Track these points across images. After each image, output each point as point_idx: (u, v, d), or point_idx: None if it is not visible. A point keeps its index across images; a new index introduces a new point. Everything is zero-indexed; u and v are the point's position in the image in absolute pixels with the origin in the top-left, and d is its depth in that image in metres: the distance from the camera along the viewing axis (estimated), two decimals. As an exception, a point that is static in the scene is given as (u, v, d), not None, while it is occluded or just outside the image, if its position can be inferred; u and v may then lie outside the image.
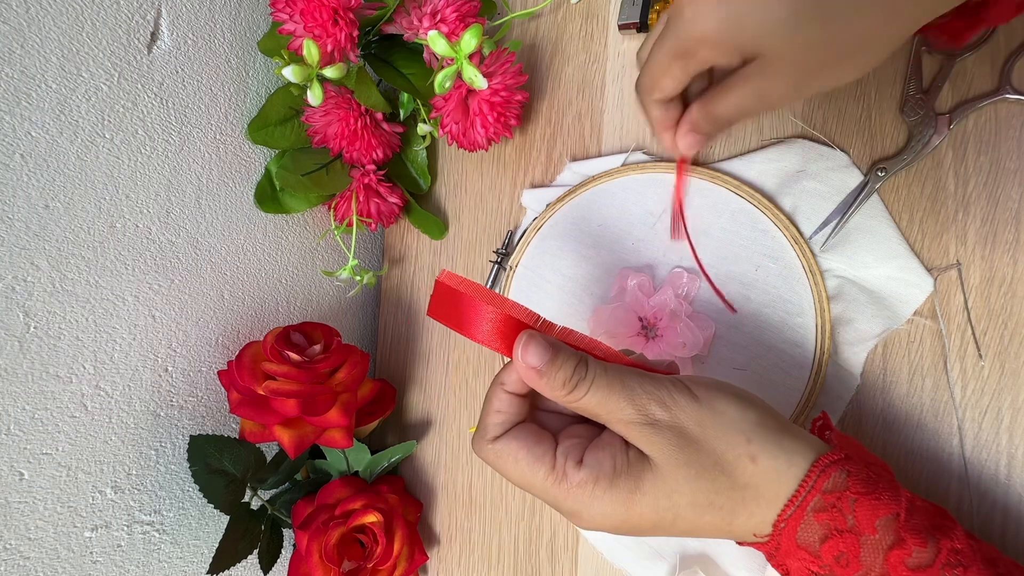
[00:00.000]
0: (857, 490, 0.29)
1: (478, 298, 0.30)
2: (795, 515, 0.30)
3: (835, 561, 0.29)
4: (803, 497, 0.29)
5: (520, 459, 0.31)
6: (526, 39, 0.55)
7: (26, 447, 0.39)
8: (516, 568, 0.52)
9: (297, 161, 0.52)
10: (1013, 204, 0.38)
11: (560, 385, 0.30)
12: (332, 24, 0.44)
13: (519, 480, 0.31)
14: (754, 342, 0.43)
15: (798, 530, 0.30)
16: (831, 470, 0.30)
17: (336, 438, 0.48)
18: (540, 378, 0.30)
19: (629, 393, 0.30)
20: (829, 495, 0.29)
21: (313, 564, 0.47)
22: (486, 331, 0.30)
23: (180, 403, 0.48)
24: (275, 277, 0.55)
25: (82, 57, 0.40)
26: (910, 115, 0.41)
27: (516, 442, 0.31)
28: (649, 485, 0.30)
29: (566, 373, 0.30)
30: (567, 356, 0.30)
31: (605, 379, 0.30)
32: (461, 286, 0.31)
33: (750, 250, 0.44)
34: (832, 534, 0.29)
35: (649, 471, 0.30)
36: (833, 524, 0.29)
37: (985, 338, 0.39)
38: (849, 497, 0.29)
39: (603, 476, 0.30)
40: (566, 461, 0.31)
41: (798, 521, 0.30)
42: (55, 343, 0.40)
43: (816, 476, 0.29)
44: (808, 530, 0.29)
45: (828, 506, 0.29)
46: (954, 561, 0.28)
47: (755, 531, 0.31)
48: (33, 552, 0.40)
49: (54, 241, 0.40)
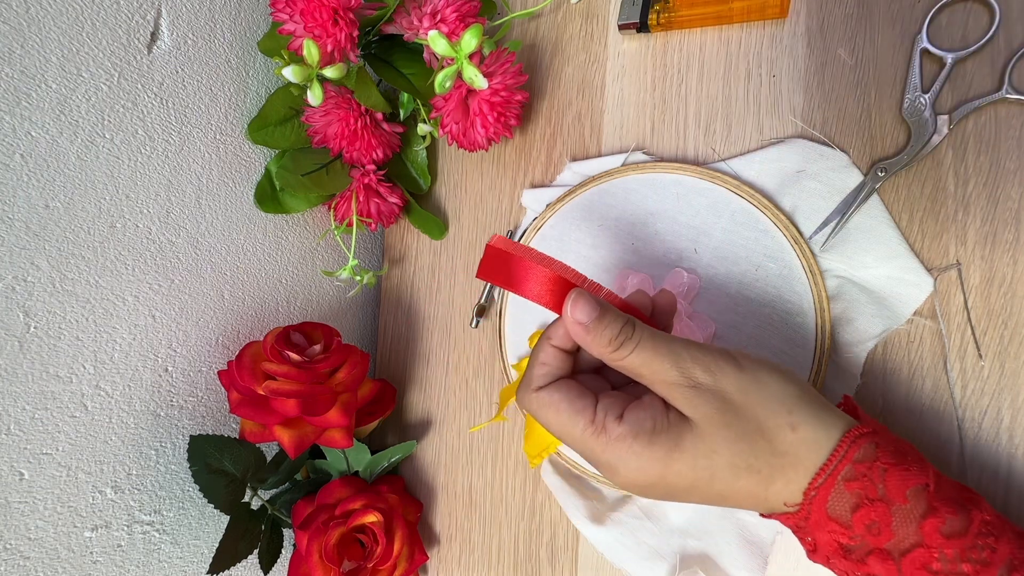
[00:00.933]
0: (886, 461, 0.30)
1: (529, 259, 0.32)
2: (826, 483, 0.30)
3: (866, 530, 0.29)
4: (834, 465, 0.30)
5: (562, 410, 0.32)
6: (526, 39, 0.55)
7: (26, 447, 0.39)
8: (516, 568, 0.52)
9: (297, 161, 0.52)
10: (1013, 204, 0.38)
11: (606, 342, 0.31)
12: (332, 24, 0.44)
13: (559, 429, 0.32)
14: (754, 342, 0.43)
15: (829, 499, 0.30)
16: (861, 441, 0.30)
17: (336, 438, 0.48)
18: (587, 334, 0.31)
19: (674, 356, 0.31)
20: (860, 464, 0.30)
21: (313, 564, 0.47)
22: (536, 289, 0.32)
23: (180, 403, 0.48)
24: (275, 277, 0.55)
25: (82, 57, 0.40)
26: (910, 115, 0.41)
27: (559, 393, 0.32)
28: (689, 444, 0.30)
29: (612, 331, 0.31)
30: (615, 315, 0.31)
31: (651, 341, 0.31)
32: (512, 248, 0.32)
33: (750, 250, 0.44)
34: (863, 503, 0.29)
35: (689, 432, 0.30)
36: (864, 493, 0.29)
37: (985, 338, 0.39)
38: (879, 467, 0.30)
39: (643, 432, 0.30)
40: (606, 415, 0.31)
41: (829, 490, 0.30)
42: (55, 343, 0.40)
43: (847, 446, 0.30)
44: (839, 499, 0.30)
45: (859, 475, 0.29)
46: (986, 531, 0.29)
47: (787, 499, 0.31)
48: (33, 552, 0.40)
49: (54, 241, 0.40)
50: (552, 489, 0.49)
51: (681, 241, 0.46)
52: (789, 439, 0.30)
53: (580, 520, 0.47)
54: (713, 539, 0.44)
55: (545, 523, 0.51)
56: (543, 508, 0.51)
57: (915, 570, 0.29)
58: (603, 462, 0.31)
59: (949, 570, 0.28)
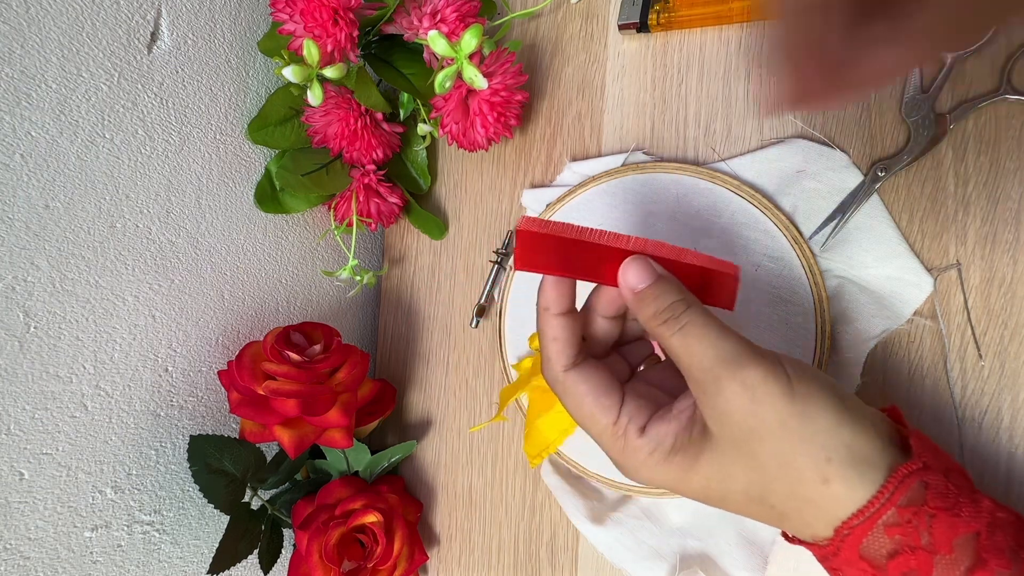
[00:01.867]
0: (936, 505, 0.27)
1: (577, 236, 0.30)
2: (864, 525, 0.27)
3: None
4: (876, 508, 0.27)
5: (585, 404, 0.30)
6: (526, 39, 0.55)
7: (26, 447, 0.39)
8: (516, 568, 0.52)
9: (297, 161, 0.52)
10: (1013, 204, 0.38)
11: (652, 313, 0.29)
12: (332, 24, 0.44)
13: (578, 420, 0.31)
14: (754, 342, 0.43)
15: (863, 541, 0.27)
16: (909, 481, 0.27)
17: (336, 438, 0.48)
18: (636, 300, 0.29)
19: (717, 356, 0.28)
20: (904, 509, 0.27)
21: (313, 564, 0.47)
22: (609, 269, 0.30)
23: (180, 403, 0.48)
24: (275, 277, 0.55)
25: (82, 57, 0.40)
26: (910, 115, 0.40)
27: (585, 385, 0.31)
28: (705, 465, 0.29)
29: (661, 303, 0.29)
30: (669, 287, 0.29)
31: (700, 329, 0.28)
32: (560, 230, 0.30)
33: (750, 250, 0.44)
34: (903, 550, 0.27)
35: (709, 449, 0.28)
36: (905, 540, 0.27)
37: (985, 338, 0.39)
38: (927, 512, 0.26)
39: (661, 449, 0.29)
40: (629, 423, 0.30)
41: (865, 532, 0.27)
42: (55, 343, 0.40)
43: (893, 489, 0.27)
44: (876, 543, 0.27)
45: (903, 521, 0.27)
46: None
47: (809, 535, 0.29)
48: (33, 552, 0.40)
49: (54, 241, 0.40)
50: (552, 489, 0.49)
51: (681, 241, 0.46)
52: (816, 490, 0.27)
53: (580, 520, 0.47)
54: (713, 539, 0.44)
55: (545, 523, 0.51)
56: (543, 508, 0.51)
57: None
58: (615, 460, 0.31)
59: None
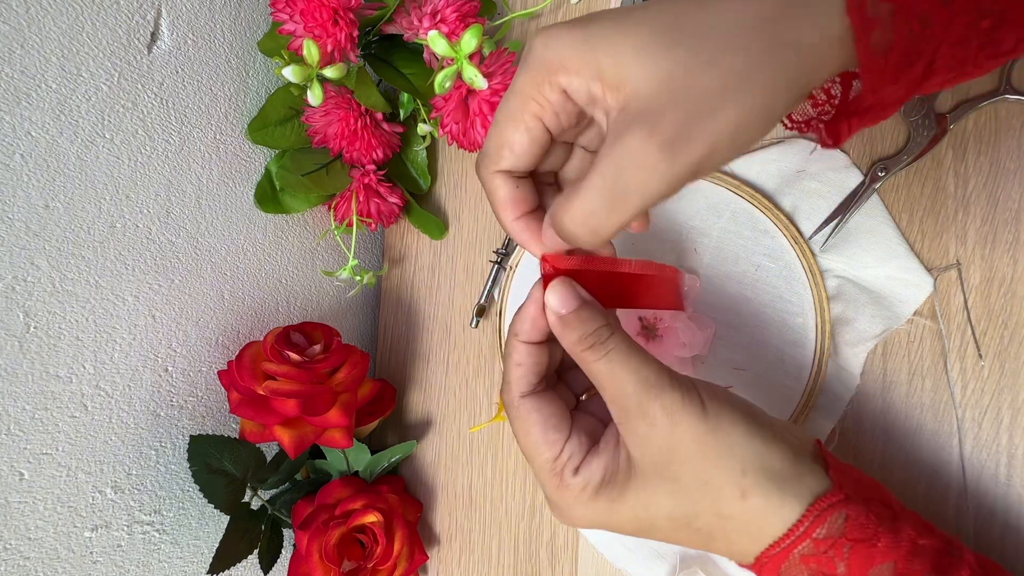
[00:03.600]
0: (853, 536, 0.28)
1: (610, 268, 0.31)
2: (780, 554, 0.28)
3: None
4: (791, 540, 0.28)
5: (532, 433, 0.31)
6: (526, 39, 0.55)
7: (26, 447, 0.39)
8: (516, 568, 0.52)
9: (297, 161, 0.52)
10: (1013, 204, 0.38)
11: (576, 339, 0.29)
12: (332, 24, 0.44)
13: (523, 447, 0.31)
14: (754, 342, 0.43)
15: (781, 568, 0.28)
16: (828, 513, 0.28)
17: (336, 438, 0.48)
18: (560, 325, 0.29)
19: (638, 383, 0.28)
20: (821, 541, 0.28)
21: (313, 564, 0.47)
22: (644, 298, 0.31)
23: (180, 403, 0.48)
24: (275, 277, 0.55)
25: (82, 57, 0.40)
26: (910, 115, 0.40)
27: (537, 415, 0.31)
28: (631, 495, 0.29)
29: (585, 329, 0.29)
30: (594, 313, 0.29)
31: (623, 355, 0.29)
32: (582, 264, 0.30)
33: (750, 250, 0.44)
34: None
35: (634, 478, 0.29)
36: (820, 568, 0.28)
37: (985, 338, 0.39)
38: (844, 544, 0.28)
39: (590, 486, 0.30)
40: (568, 461, 0.30)
41: (782, 560, 0.28)
42: (55, 343, 0.40)
43: (810, 521, 0.28)
44: (793, 570, 0.28)
45: (819, 552, 0.28)
46: None
47: (736, 558, 0.30)
48: (33, 552, 0.40)
49: (54, 241, 0.40)
50: (552, 489, 0.49)
51: (681, 241, 0.46)
52: (735, 505, 0.28)
53: (580, 520, 0.47)
54: (713, 539, 0.44)
55: (545, 523, 0.51)
56: (543, 508, 0.51)
57: None
58: (551, 500, 0.31)
59: None
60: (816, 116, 0.30)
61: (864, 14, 0.23)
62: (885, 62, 0.24)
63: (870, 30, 0.23)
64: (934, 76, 0.24)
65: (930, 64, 0.23)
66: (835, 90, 0.29)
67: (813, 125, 0.31)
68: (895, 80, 0.24)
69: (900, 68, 0.24)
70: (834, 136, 0.29)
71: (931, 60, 0.23)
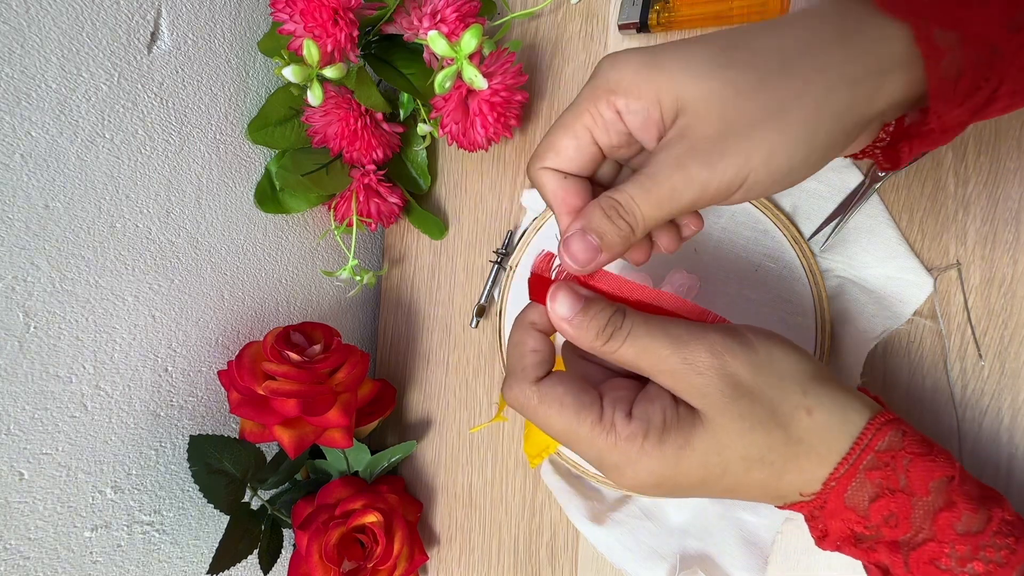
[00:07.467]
0: (912, 450, 0.28)
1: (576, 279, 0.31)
2: (848, 473, 0.28)
3: (884, 521, 0.28)
4: (858, 455, 0.28)
5: (566, 405, 0.29)
6: (526, 39, 0.55)
7: (26, 447, 0.39)
8: (516, 568, 0.52)
9: (297, 161, 0.52)
10: (1013, 204, 0.38)
11: (594, 335, 0.29)
12: (332, 24, 0.44)
13: (562, 428, 0.29)
14: (754, 342, 0.43)
15: (848, 488, 0.29)
16: (887, 429, 0.29)
17: (336, 438, 0.48)
18: (573, 329, 0.29)
19: (672, 341, 0.28)
20: (883, 454, 0.28)
21: (313, 564, 0.47)
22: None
23: (180, 403, 0.48)
24: (275, 277, 0.55)
25: (82, 57, 0.40)
26: (910, 115, 0.40)
27: (562, 387, 0.30)
28: (699, 441, 0.28)
29: (600, 322, 0.29)
30: (601, 305, 0.29)
31: (645, 327, 0.29)
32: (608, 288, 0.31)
33: (750, 250, 0.44)
34: (883, 493, 0.28)
35: (700, 426, 0.28)
36: (886, 483, 0.28)
37: (985, 338, 0.39)
38: (904, 457, 0.28)
39: (653, 430, 0.28)
40: (614, 412, 0.29)
41: (850, 479, 0.28)
42: (55, 343, 0.40)
43: (872, 434, 0.28)
44: (859, 489, 0.28)
45: (882, 464, 0.28)
46: (1005, 531, 0.27)
47: (802, 489, 0.29)
48: (33, 552, 0.40)
49: (54, 241, 0.40)
50: (552, 489, 0.49)
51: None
52: (804, 425, 0.28)
53: (580, 520, 0.47)
54: (713, 539, 0.44)
55: (545, 523, 0.51)
56: (543, 508, 0.51)
57: (922, 565, 0.28)
58: (610, 463, 0.29)
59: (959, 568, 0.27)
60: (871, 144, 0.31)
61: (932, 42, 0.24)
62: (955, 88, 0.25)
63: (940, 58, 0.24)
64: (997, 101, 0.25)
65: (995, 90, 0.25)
66: None
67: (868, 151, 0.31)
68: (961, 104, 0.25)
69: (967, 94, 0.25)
70: (893, 161, 0.30)
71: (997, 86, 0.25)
